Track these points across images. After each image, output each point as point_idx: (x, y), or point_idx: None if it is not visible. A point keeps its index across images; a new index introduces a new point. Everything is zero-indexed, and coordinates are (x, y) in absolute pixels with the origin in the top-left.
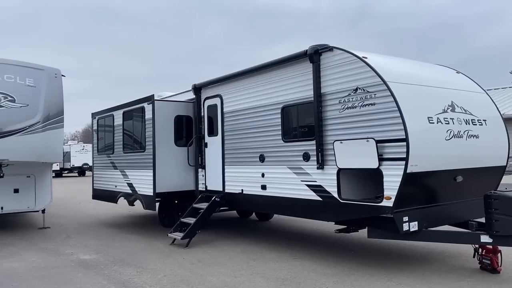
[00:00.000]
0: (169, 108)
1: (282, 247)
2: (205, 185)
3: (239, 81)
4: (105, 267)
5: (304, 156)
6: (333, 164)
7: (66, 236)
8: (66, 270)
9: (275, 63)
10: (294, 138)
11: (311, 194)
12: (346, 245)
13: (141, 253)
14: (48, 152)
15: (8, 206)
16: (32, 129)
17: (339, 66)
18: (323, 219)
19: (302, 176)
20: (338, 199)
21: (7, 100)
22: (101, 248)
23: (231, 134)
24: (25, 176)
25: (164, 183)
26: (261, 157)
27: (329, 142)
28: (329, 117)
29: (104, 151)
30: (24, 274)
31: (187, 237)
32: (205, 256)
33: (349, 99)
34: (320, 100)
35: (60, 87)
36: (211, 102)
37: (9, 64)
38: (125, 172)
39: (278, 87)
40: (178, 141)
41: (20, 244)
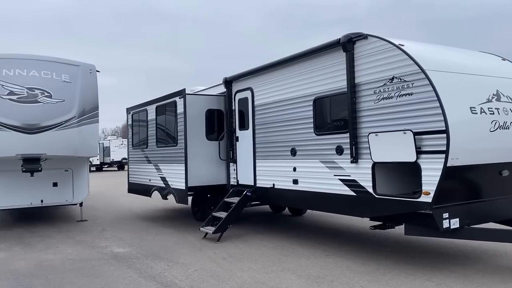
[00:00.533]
0: (201, 102)
1: (315, 243)
2: (236, 179)
3: (270, 73)
4: (137, 261)
5: (337, 150)
6: (368, 157)
7: (102, 229)
8: (99, 263)
9: (307, 53)
10: (327, 131)
11: (345, 189)
12: (381, 242)
13: (173, 247)
14: (83, 146)
15: (48, 199)
16: (68, 124)
17: (374, 55)
18: (357, 215)
19: (335, 170)
20: (373, 194)
21: (44, 96)
22: (134, 241)
23: (262, 127)
24: (63, 170)
25: (196, 177)
26: (292, 151)
27: (364, 135)
28: (363, 108)
29: (138, 145)
30: (59, 267)
31: (219, 232)
32: (236, 251)
33: (384, 89)
34: (354, 90)
35: (95, 83)
36: (242, 96)
37: (46, 61)
38: (158, 166)
39: (309, 78)
40: (210, 135)
41: (58, 236)
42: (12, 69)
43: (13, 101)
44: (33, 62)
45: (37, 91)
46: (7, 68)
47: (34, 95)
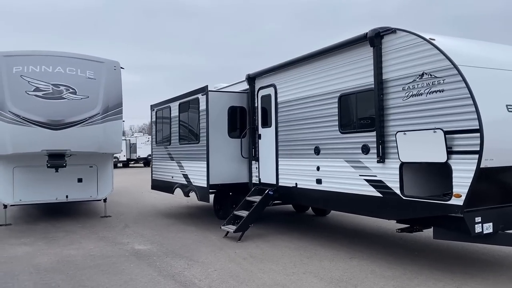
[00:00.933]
0: (223, 99)
1: (338, 244)
2: (258, 178)
3: (294, 70)
4: (158, 259)
5: (363, 149)
6: (395, 157)
7: (124, 225)
8: (119, 260)
9: (332, 49)
10: (352, 129)
11: (371, 189)
12: (409, 245)
13: (194, 245)
14: (107, 143)
15: (73, 194)
16: (92, 120)
17: (403, 50)
18: (383, 217)
19: (360, 170)
20: (400, 196)
21: (69, 92)
22: (156, 238)
23: (285, 125)
24: (88, 166)
25: (217, 174)
26: (316, 150)
27: (391, 134)
28: (391, 105)
29: (161, 142)
30: (80, 262)
31: (240, 231)
32: (257, 251)
33: (414, 85)
34: (381, 87)
35: (119, 79)
36: (265, 92)
37: (71, 57)
38: (181, 163)
39: (335, 74)
40: (232, 133)
41: (82, 232)
42: (38, 65)
43: (39, 97)
44: (58, 58)
45: (62, 87)
46: (34, 64)
47: (59, 92)
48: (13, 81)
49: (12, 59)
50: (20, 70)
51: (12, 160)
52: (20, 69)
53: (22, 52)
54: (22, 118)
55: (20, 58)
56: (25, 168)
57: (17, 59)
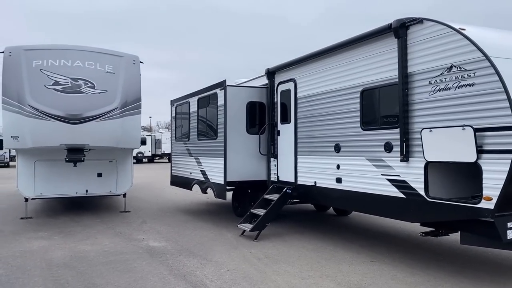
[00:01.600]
0: (242, 94)
1: (359, 247)
2: (277, 175)
3: (314, 63)
4: (171, 256)
5: (385, 147)
6: (420, 156)
7: (142, 221)
8: (132, 257)
9: (354, 41)
10: (375, 126)
11: (393, 190)
12: (434, 249)
13: (209, 243)
14: (125, 138)
15: (92, 189)
16: (110, 115)
17: (430, 41)
18: (407, 219)
19: (382, 169)
20: (425, 197)
21: (87, 86)
22: (171, 235)
23: (305, 121)
24: (108, 161)
25: (235, 171)
26: (336, 147)
27: (416, 131)
28: (416, 101)
29: (181, 138)
30: (93, 258)
31: (256, 230)
32: (273, 251)
33: (441, 79)
34: (406, 81)
35: (138, 74)
36: (285, 87)
37: (90, 51)
38: (199, 159)
39: (357, 68)
40: (250, 129)
41: (99, 227)
42: (57, 59)
43: (58, 91)
44: (77, 52)
45: (81, 81)
46: (53, 58)
47: (78, 86)
48: (33, 74)
49: (32, 53)
50: (40, 64)
51: (33, 154)
52: (39, 63)
53: (42, 46)
54: (41, 112)
55: (40, 52)
56: (46, 162)
57: (37, 53)
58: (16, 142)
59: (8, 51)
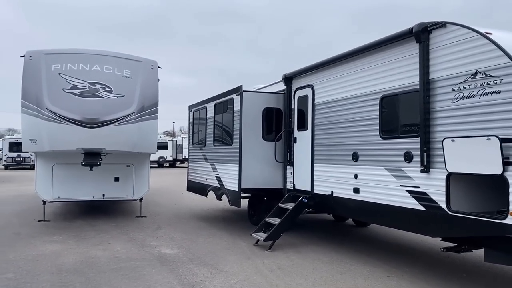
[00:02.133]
0: (258, 99)
1: (377, 260)
2: (293, 184)
3: (332, 69)
4: (181, 265)
5: (405, 156)
6: (442, 167)
7: (157, 227)
8: (143, 264)
9: (374, 46)
10: (394, 134)
11: (413, 202)
12: (456, 265)
13: (221, 252)
14: (142, 142)
15: (109, 193)
16: (127, 119)
17: (454, 46)
18: (426, 233)
19: (402, 180)
20: (446, 211)
21: (105, 91)
22: (184, 242)
23: (322, 128)
24: (125, 165)
25: (250, 178)
26: (354, 156)
27: (438, 140)
28: (438, 108)
29: (197, 143)
30: (103, 265)
31: (270, 239)
32: (287, 262)
33: (465, 86)
34: (427, 88)
35: (156, 79)
36: (302, 93)
37: (108, 56)
38: (215, 166)
39: (376, 73)
40: (267, 135)
41: (113, 231)
42: (76, 63)
43: (75, 95)
44: (96, 57)
45: (99, 85)
46: (72, 62)
47: (96, 90)
48: (52, 78)
49: (51, 57)
50: (59, 67)
51: (52, 157)
52: (58, 66)
53: (62, 50)
54: (59, 116)
55: (59, 56)
56: (65, 166)
57: (56, 57)
58: (34, 145)
59: (29, 55)
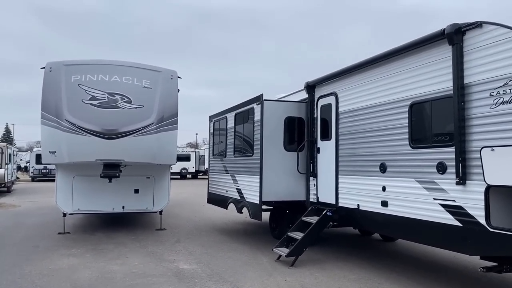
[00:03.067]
0: (279, 109)
1: (407, 278)
2: (316, 196)
3: (357, 75)
4: (199, 282)
5: (438, 167)
6: (480, 178)
7: (176, 240)
8: (159, 281)
9: (403, 49)
10: (426, 144)
11: (447, 217)
12: (495, 284)
13: (241, 268)
14: (161, 154)
15: (129, 205)
16: (146, 130)
17: (491, 47)
18: (463, 251)
19: (435, 193)
20: (486, 227)
21: (124, 101)
22: (203, 257)
23: (347, 138)
24: (145, 177)
25: (271, 190)
26: (382, 167)
27: (475, 149)
28: (475, 115)
29: (218, 154)
30: (119, 280)
31: (293, 255)
32: (311, 280)
33: (505, 90)
34: (462, 93)
35: (175, 89)
36: (325, 102)
37: (128, 66)
38: (235, 177)
39: (405, 79)
40: (288, 146)
41: (132, 245)
42: (95, 74)
43: (94, 106)
44: (115, 67)
45: (118, 96)
46: (91, 73)
47: (114, 100)
48: (71, 89)
49: (71, 68)
50: (78, 78)
51: (72, 169)
52: (78, 77)
53: (82, 61)
54: (78, 127)
55: (79, 67)
56: (84, 177)
57: (76, 68)
58: (54, 157)
59: (49, 66)
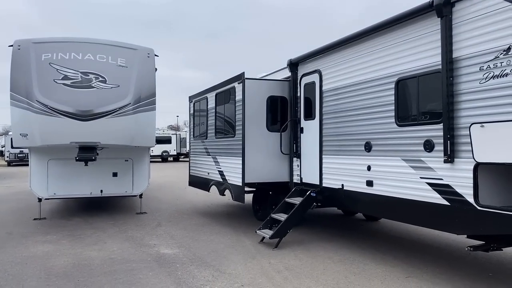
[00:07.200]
0: (262, 88)
1: (393, 258)
2: (300, 177)
3: (341, 51)
4: (181, 266)
5: (425, 145)
6: (469, 156)
7: (157, 224)
8: (139, 266)
9: (388, 23)
10: (413, 121)
11: (435, 196)
12: (481, 263)
13: (224, 252)
14: (139, 135)
15: (107, 189)
16: (123, 111)
17: (482, 19)
18: (451, 230)
19: (422, 172)
20: (474, 205)
21: (98, 81)
22: (185, 241)
23: (331, 117)
24: (123, 160)
25: (254, 172)
26: (367, 145)
27: (463, 126)
28: (464, 91)
29: (199, 136)
30: (96, 267)
31: (277, 237)
32: (295, 262)
33: (496, 64)
34: (451, 68)
35: (153, 68)
36: (309, 80)
37: (102, 44)
38: (217, 159)
39: (391, 54)
40: (271, 126)
41: (111, 230)
42: (67, 52)
43: (67, 86)
44: (88, 45)
45: (92, 75)
46: (63, 51)
47: (88, 80)
48: (42, 69)
49: (41, 46)
50: (49, 57)
51: (47, 153)
52: (49, 56)
53: (52, 39)
54: (50, 108)
55: (50, 45)
56: (60, 161)
57: (46, 46)
58: (25, 140)
59: (17, 44)
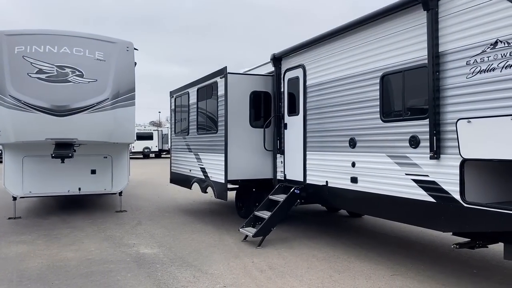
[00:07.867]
0: (245, 83)
1: (377, 256)
2: (283, 174)
3: (325, 46)
4: (161, 267)
5: (411, 141)
6: (455, 152)
7: (137, 223)
8: (117, 267)
9: (372, 17)
10: (398, 117)
11: (420, 192)
12: (465, 259)
13: (206, 251)
14: (118, 131)
15: (86, 187)
16: (101, 106)
17: (469, 12)
18: (436, 228)
19: (407, 168)
20: (460, 202)
21: (75, 75)
22: (166, 240)
23: (315, 112)
24: (102, 157)
25: (237, 169)
26: (351, 142)
27: (450, 122)
28: (450, 85)
29: (180, 132)
30: (72, 269)
31: (260, 235)
32: (279, 261)
33: (483, 58)
34: (437, 62)
35: (132, 62)
36: (293, 75)
37: (79, 37)
38: (199, 156)
39: (376, 49)
40: (254, 122)
41: (89, 229)
42: (42, 45)
43: (42, 80)
44: (64, 38)
45: (68, 69)
46: (37, 44)
47: (65, 74)
48: (15, 62)
49: (14, 38)
50: (23, 50)
51: (21, 149)
52: (22, 49)
53: (26, 31)
54: (23, 103)
55: (23, 37)
56: (35, 158)
57: (19, 38)
58: None
59: None
